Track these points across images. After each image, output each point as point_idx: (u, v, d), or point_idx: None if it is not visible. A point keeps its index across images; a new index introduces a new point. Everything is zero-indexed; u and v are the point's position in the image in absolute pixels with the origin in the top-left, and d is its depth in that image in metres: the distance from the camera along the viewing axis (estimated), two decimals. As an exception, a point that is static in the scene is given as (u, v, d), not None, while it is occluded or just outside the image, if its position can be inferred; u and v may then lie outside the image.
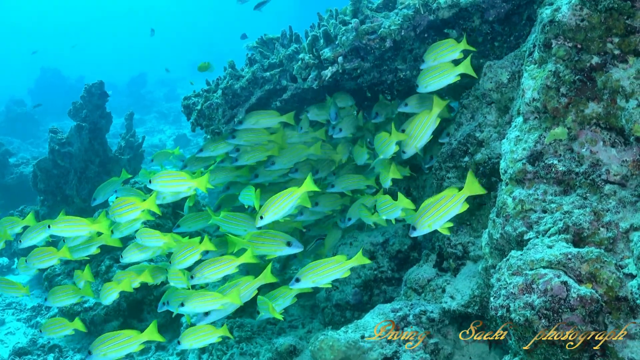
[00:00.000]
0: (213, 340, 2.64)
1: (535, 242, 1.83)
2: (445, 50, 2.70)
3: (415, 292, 2.82)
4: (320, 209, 3.47)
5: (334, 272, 2.58)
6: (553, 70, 1.97)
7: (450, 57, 2.70)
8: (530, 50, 2.15)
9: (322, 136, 3.55)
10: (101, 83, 5.22)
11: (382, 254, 3.47)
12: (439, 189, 2.73)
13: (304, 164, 3.52)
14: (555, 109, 1.97)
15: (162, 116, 15.95)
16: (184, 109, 3.79)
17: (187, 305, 2.64)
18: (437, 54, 2.71)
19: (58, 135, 5.03)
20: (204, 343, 2.66)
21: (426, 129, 2.70)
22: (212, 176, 3.56)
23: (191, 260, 2.79)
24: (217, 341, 2.67)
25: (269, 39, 3.50)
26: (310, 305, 4.18)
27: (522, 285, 1.70)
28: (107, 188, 3.90)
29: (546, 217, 1.94)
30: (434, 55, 2.70)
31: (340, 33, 2.68)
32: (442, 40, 2.73)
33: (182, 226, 3.50)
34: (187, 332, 2.65)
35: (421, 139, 2.71)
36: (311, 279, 2.58)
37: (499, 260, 2.19)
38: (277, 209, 2.57)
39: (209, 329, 2.63)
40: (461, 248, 2.66)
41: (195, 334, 2.62)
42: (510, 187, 2.10)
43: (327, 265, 2.58)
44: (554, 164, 1.98)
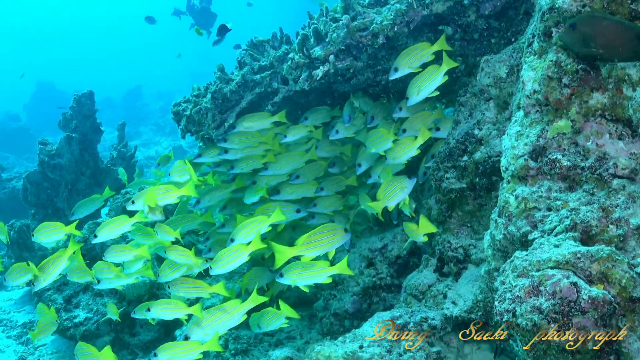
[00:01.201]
0: (195, 357, 2.50)
1: (541, 242, 1.72)
2: (418, 54, 2.61)
3: (415, 298, 2.71)
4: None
5: (315, 276, 2.52)
6: (554, 60, 1.86)
7: (425, 59, 2.63)
8: (529, 40, 2.05)
9: (319, 136, 3.47)
10: (91, 93, 5.13)
11: (380, 260, 3.35)
12: (437, 190, 2.62)
13: (309, 167, 3.42)
14: (557, 100, 1.87)
15: (158, 128, 15.94)
16: (173, 115, 3.69)
17: (153, 310, 2.62)
18: (410, 58, 2.62)
19: (47, 147, 4.93)
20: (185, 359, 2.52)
21: (406, 156, 2.76)
22: (207, 197, 3.48)
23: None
24: (198, 357, 2.52)
25: (259, 42, 3.41)
26: (308, 314, 4.06)
27: (528, 287, 1.58)
28: (87, 205, 3.82)
29: (551, 215, 1.83)
30: (407, 60, 2.61)
31: (331, 30, 2.58)
32: (414, 45, 2.65)
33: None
34: (165, 346, 2.51)
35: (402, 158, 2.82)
36: (292, 279, 2.51)
37: (503, 262, 2.07)
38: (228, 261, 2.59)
39: (193, 343, 2.50)
40: (462, 251, 2.55)
41: (174, 349, 2.49)
42: (512, 184, 1.99)
43: (310, 268, 2.51)
44: (558, 159, 1.87)
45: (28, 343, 4.33)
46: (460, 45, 3.09)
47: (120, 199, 4.27)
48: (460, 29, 2.95)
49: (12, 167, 10.10)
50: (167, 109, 18.81)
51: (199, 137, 3.28)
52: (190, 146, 12.86)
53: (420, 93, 2.57)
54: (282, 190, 3.33)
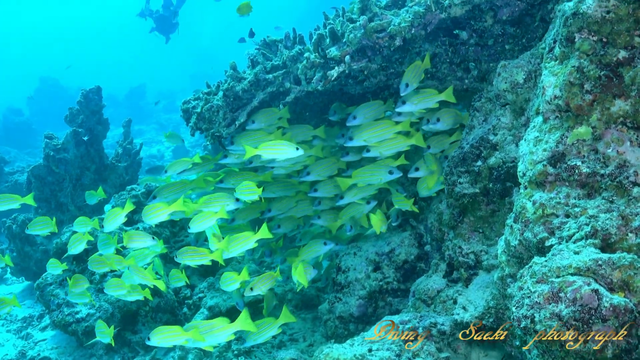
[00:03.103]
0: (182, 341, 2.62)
1: (560, 248, 1.70)
2: (426, 98, 2.90)
3: (424, 303, 2.68)
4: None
5: (245, 244, 2.86)
6: (576, 66, 1.85)
7: (429, 104, 2.93)
8: (550, 46, 2.03)
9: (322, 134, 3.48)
10: (99, 88, 5.10)
11: (387, 264, 3.33)
12: (449, 194, 2.60)
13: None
14: (579, 106, 1.85)
15: (161, 127, 15.92)
16: (183, 113, 3.67)
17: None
18: (418, 96, 2.89)
19: (53, 140, 4.90)
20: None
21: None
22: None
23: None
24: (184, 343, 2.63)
25: (271, 41, 3.39)
26: (312, 317, 4.04)
27: (548, 293, 1.56)
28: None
29: (570, 222, 1.81)
30: (415, 97, 2.88)
31: (348, 31, 2.57)
32: (424, 89, 2.91)
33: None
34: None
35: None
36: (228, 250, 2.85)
37: (517, 269, 2.05)
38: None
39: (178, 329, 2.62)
40: (473, 257, 2.53)
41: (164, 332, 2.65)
42: (529, 190, 1.97)
43: (239, 238, 2.87)
44: (577, 166, 1.85)
45: (27, 338, 4.30)
46: (475, 51, 3.08)
47: (125, 195, 4.25)
48: (475, 33, 2.94)
49: (14, 161, 10.07)
50: (170, 109, 18.75)
51: (209, 135, 3.26)
52: (192, 145, 12.84)
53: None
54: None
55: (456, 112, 3.08)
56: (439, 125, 3.03)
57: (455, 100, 2.92)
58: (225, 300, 3.89)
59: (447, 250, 2.74)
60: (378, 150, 3.00)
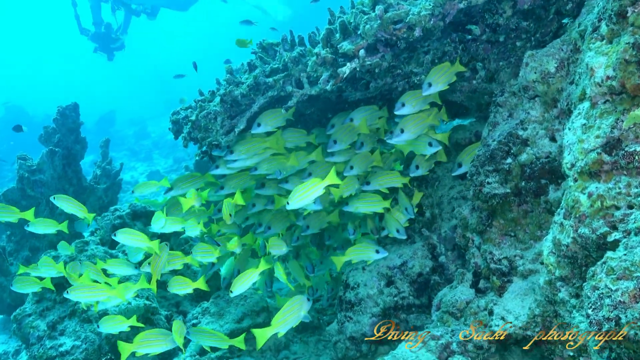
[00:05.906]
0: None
1: (633, 241, 1.51)
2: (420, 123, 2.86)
3: (452, 316, 2.46)
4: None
5: (315, 192, 2.60)
6: (632, 42, 1.68)
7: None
8: (595, 25, 1.87)
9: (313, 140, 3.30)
10: (75, 105, 4.81)
11: (400, 279, 3.10)
12: (476, 196, 2.41)
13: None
14: (636, 86, 1.68)
15: (133, 154, 15.62)
16: (172, 125, 3.43)
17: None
18: (415, 122, 2.85)
19: (27, 161, 4.56)
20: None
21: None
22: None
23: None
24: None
25: (268, 44, 3.19)
26: (315, 340, 3.78)
27: (634, 291, 1.37)
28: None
29: (635, 213, 1.63)
30: (412, 124, 2.83)
31: (363, 22, 2.38)
32: (419, 113, 2.83)
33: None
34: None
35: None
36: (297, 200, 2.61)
37: (570, 270, 1.86)
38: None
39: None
40: (507, 263, 2.32)
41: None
42: (581, 182, 1.79)
43: (308, 186, 2.60)
44: (637, 151, 1.67)
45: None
46: (484, 48, 2.93)
47: (109, 216, 3.95)
48: (489, 28, 2.79)
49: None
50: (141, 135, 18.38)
51: (206, 144, 3.02)
52: (166, 171, 12.52)
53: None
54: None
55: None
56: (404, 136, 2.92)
57: (447, 118, 3.05)
58: (222, 326, 3.60)
59: (473, 258, 2.53)
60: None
